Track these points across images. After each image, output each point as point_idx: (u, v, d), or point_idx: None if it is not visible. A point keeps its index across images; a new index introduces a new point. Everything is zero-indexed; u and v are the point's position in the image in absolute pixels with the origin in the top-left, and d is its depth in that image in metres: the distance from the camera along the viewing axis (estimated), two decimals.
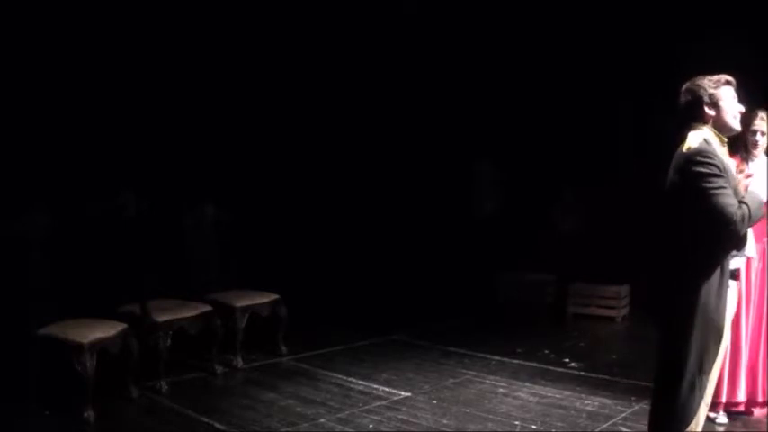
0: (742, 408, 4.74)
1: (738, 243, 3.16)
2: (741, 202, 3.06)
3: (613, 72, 8.08)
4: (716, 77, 3.27)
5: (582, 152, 8.47)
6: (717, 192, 3.03)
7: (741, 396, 4.66)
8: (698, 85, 3.26)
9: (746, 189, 3.21)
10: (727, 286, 3.16)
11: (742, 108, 3.32)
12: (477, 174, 9.65)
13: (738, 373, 4.63)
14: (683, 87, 3.31)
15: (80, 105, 6.53)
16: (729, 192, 3.06)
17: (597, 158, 8.29)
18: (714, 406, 4.54)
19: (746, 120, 4.30)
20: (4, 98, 5.95)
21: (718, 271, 3.11)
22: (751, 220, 3.09)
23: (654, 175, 3.41)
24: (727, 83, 3.27)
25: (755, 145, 4.55)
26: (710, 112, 3.24)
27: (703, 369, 3.13)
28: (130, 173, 6.61)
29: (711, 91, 3.24)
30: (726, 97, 3.25)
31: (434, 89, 9.25)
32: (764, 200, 3.20)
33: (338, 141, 8.81)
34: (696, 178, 3.07)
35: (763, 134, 4.55)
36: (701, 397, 3.15)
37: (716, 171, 3.06)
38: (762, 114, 4.53)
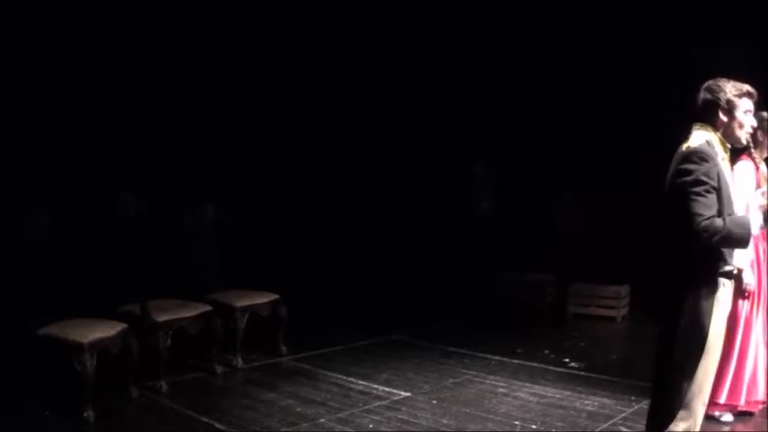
0: (762, 407, 4.75)
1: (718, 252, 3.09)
2: (724, 219, 3.01)
3: (613, 72, 8.08)
4: (739, 85, 3.22)
5: (582, 152, 8.47)
6: (695, 197, 3.00)
7: (761, 395, 4.66)
8: (719, 87, 3.21)
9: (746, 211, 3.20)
10: (717, 289, 3.12)
11: (755, 123, 3.29)
12: (477, 174, 9.64)
13: (756, 373, 4.63)
14: (705, 85, 3.26)
15: (80, 105, 6.53)
16: (709, 201, 3.01)
17: (597, 158, 8.29)
18: (715, 405, 4.56)
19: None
20: (4, 98, 5.95)
21: (705, 274, 3.09)
22: (726, 241, 3.02)
23: (654, 176, 3.39)
24: (749, 95, 3.23)
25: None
26: (723, 117, 3.20)
27: (685, 374, 3.10)
28: (130, 173, 6.60)
29: (730, 97, 3.19)
30: (742, 108, 3.22)
31: (434, 89, 9.24)
32: (754, 231, 3.12)
33: (338, 141, 8.81)
34: (685, 177, 3.05)
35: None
36: (682, 402, 3.13)
37: (702, 176, 3.02)
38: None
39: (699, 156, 3.07)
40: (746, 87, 3.23)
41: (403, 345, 7.06)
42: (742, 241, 3.07)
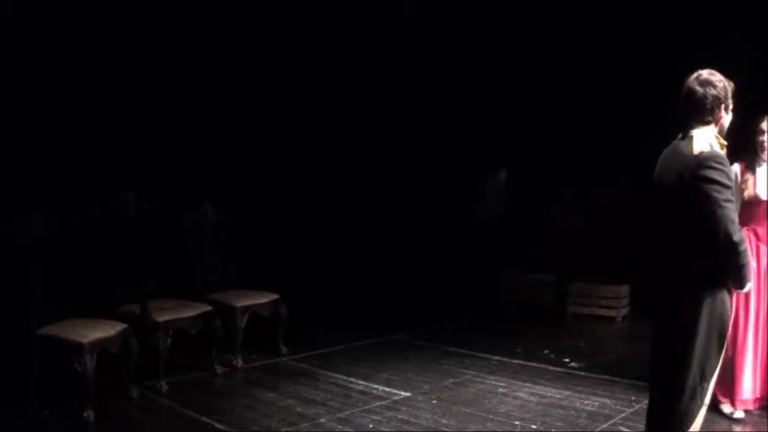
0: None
1: (732, 267, 3.03)
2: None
3: (613, 72, 8.07)
4: (727, 81, 3.15)
5: (582, 152, 8.46)
6: (725, 204, 2.95)
7: None
8: (721, 81, 3.12)
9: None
10: (731, 293, 3.11)
11: None
12: (489, 179, 9.65)
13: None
14: (701, 78, 3.14)
15: (80, 106, 6.53)
16: (734, 206, 3.01)
17: (597, 158, 8.28)
18: (740, 402, 4.67)
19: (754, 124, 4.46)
20: (3, 99, 5.95)
21: (722, 276, 3.06)
22: (741, 265, 2.99)
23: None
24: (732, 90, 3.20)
25: (762, 147, 4.63)
26: (723, 113, 3.14)
27: (705, 376, 3.09)
28: (130, 173, 6.60)
29: (728, 92, 3.14)
30: (731, 105, 3.19)
31: (435, 90, 9.23)
32: (746, 289, 3.10)
33: (338, 142, 8.80)
34: (709, 183, 2.97)
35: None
36: (702, 404, 3.12)
37: (727, 181, 2.99)
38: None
39: (718, 160, 3.00)
40: (731, 83, 3.19)
41: (403, 345, 7.07)
42: (741, 279, 3.04)
